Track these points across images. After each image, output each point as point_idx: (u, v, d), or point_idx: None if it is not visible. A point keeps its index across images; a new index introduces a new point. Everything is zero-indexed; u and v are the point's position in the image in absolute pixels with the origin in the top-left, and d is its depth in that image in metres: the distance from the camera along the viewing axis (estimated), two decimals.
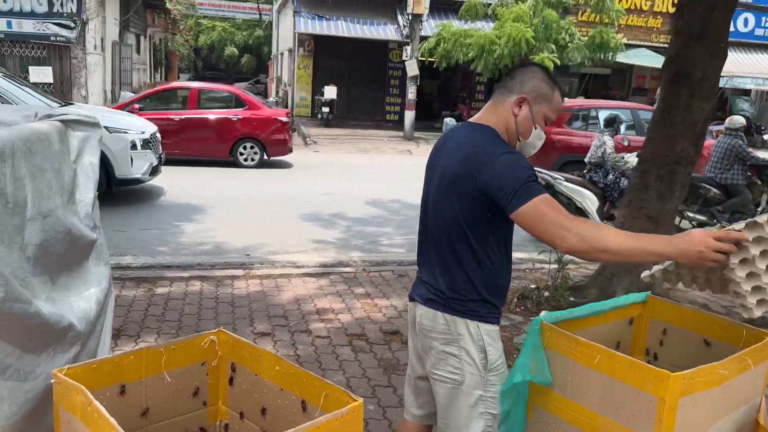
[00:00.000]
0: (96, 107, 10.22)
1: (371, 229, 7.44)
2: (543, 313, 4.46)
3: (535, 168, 2.40)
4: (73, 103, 9.12)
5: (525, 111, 1.92)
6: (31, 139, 2.03)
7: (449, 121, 20.65)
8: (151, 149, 8.13)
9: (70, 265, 2.19)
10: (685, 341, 2.28)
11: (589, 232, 1.69)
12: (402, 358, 3.79)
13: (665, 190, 4.49)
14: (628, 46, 18.65)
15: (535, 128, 1.94)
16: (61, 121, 2.41)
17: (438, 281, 1.94)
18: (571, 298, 4.65)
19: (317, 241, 6.72)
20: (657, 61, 18.82)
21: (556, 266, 4.77)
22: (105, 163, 7.29)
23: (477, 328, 1.90)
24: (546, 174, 6.94)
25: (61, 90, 15.00)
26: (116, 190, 7.85)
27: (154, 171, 8.20)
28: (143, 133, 8.11)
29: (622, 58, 18.12)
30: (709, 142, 7.77)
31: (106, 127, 7.53)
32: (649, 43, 19.85)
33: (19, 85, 7.63)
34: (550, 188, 6.77)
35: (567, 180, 6.85)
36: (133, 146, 7.86)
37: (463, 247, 1.89)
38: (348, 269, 5.67)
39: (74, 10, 14.64)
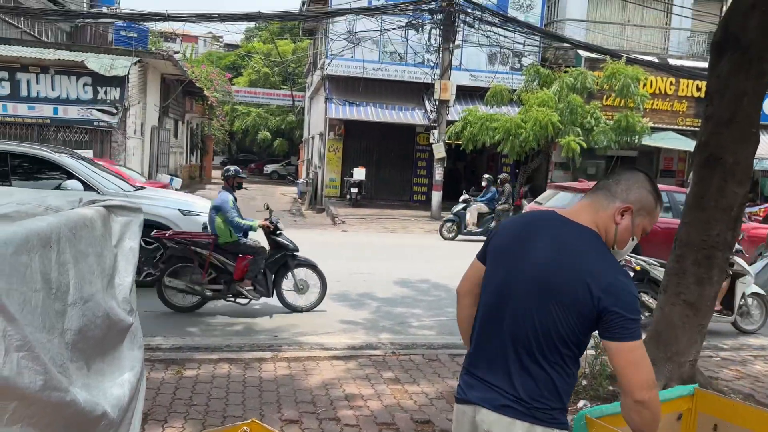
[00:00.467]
0: (166, 191, 10.50)
1: (400, 309, 7.36)
2: (581, 403, 4.29)
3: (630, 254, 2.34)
4: (144, 187, 9.49)
5: (627, 221, 1.82)
6: (77, 225, 2.09)
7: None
8: None
9: (106, 349, 2.20)
10: None
11: (659, 404, 1.70)
12: None
13: (703, 274, 4.39)
14: (654, 129, 18.82)
15: (632, 239, 1.86)
16: (105, 206, 2.49)
17: (515, 386, 1.79)
18: (610, 387, 4.47)
19: (346, 322, 6.65)
20: (684, 143, 18.91)
21: (593, 352, 4.62)
22: None
23: None
24: (641, 260, 6.87)
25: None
26: None
27: None
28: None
29: (649, 141, 18.25)
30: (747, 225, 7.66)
31: (180, 210, 7.97)
32: (676, 126, 20.01)
33: (99, 171, 8.10)
34: (645, 273, 6.70)
35: (661, 265, 6.70)
36: (204, 228, 8.04)
37: (552, 355, 1.77)
38: (377, 352, 5.56)
39: (117, 97, 15.45)
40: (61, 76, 15.30)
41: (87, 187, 7.33)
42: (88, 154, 15.43)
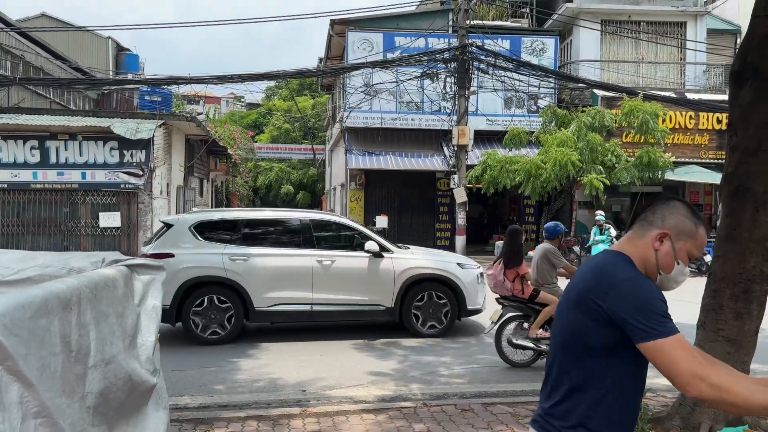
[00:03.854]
0: (427, 249, 10.69)
1: (429, 358, 7.20)
2: None
3: None
4: (408, 247, 9.60)
5: (667, 246, 1.89)
6: (98, 285, 2.08)
7: (500, 244, 20.60)
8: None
9: (130, 412, 2.16)
10: None
11: (723, 381, 1.62)
12: None
13: (742, 309, 4.22)
14: (677, 164, 18.62)
15: (678, 264, 1.90)
16: (127, 265, 2.49)
17: (548, 402, 1.90)
18: None
19: (373, 373, 6.52)
20: (708, 177, 18.65)
21: None
22: (458, 296, 8.23)
23: None
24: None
25: (128, 233, 15.85)
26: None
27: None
28: (479, 267, 8.84)
29: (672, 176, 18.05)
30: None
31: (458, 264, 8.42)
32: (699, 160, 19.79)
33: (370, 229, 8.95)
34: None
35: None
36: (480, 279, 8.50)
37: (581, 370, 1.83)
38: (407, 404, 5.41)
39: (143, 160, 15.82)
40: (89, 142, 15.74)
41: (382, 247, 8.24)
42: (116, 216, 15.78)
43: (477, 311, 8.42)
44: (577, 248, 17.70)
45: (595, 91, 19.49)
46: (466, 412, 5.15)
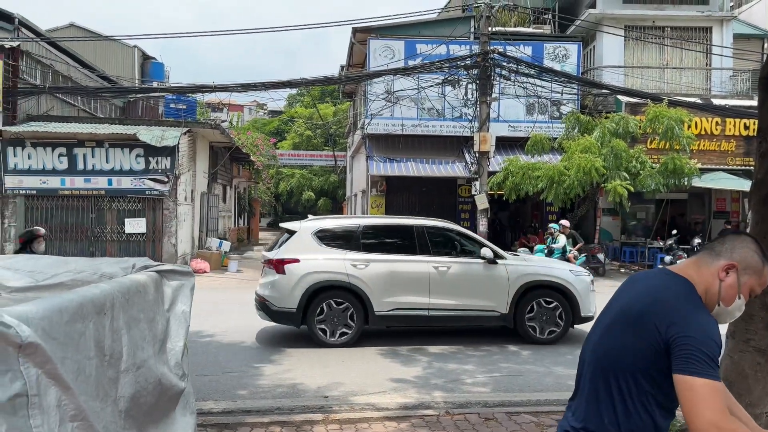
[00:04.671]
0: (551, 260, 11.11)
1: (452, 365, 7.17)
2: None
3: None
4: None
5: (732, 278, 1.86)
6: (130, 291, 2.12)
7: (522, 251, 20.46)
8: None
9: (159, 416, 2.19)
10: None
11: None
12: None
13: None
14: (703, 171, 18.33)
15: (739, 298, 1.88)
16: (157, 271, 2.53)
17: (578, 418, 1.89)
18: None
19: (396, 380, 6.51)
20: (735, 183, 18.33)
21: None
22: (571, 303, 8.35)
23: None
24: None
25: (153, 239, 16.07)
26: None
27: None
28: (590, 274, 8.99)
29: (699, 182, 17.77)
30: None
31: (571, 271, 8.65)
32: (725, 166, 19.46)
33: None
34: None
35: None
36: (591, 285, 8.67)
37: (619, 388, 1.82)
38: (430, 412, 5.39)
39: (168, 166, 16.04)
40: (115, 149, 16.02)
41: (496, 254, 8.38)
42: (141, 222, 16.00)
43: (590, 318, 8.42)
44: (601, 255, 17.49)
45: (619, 97, 19.30)
46: (489, 421, 5.12)
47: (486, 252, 8.36)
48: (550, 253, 15.45)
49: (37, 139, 15.67)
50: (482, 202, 18.20)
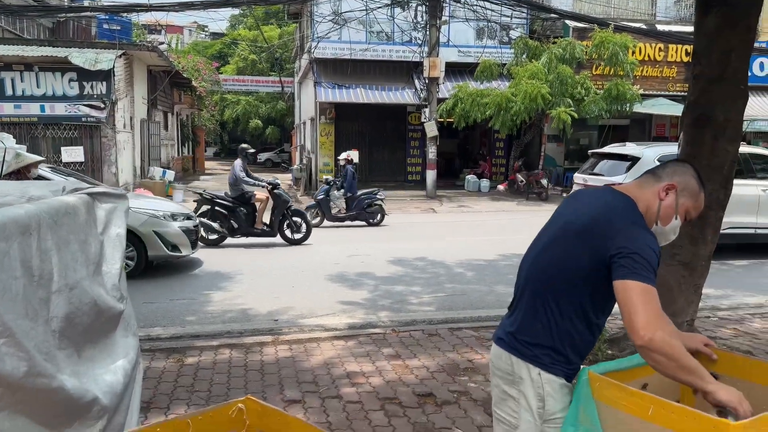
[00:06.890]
0: None
1: (399, 288, 7.37)
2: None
3: None
4: None
5: (671, 199, 1.95)
6: (59, 212, 2.06)
7: (471, 179, 20.78)
8: None
9: (97, 337, 2.18)
10: (740, 390, 2.15)
11: (671, 339, 1.68)
12: (437, 422, 3.65)
13: (697, 234, 4.38)
14: (645, 96, 18.74)
15: (675, 219, 1.97)
16: (88, 193, 2.45)
17: (514, 323, 1.98)
18: (609, 351, 4.48)
19: (345, 303, 6.66)
20: (675, 109, 18.84)
21: None
22: None
23: (539, 376, 1.89)
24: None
25: (92, 168, 15.50)
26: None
27: None
28: None
29: (640, 108, 18.19)
30: None
31: None
32: (666, 92, 19.93)
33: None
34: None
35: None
36: None
37: (557, 296, 1.88)
38: (377, 330, 5.57)
39: (104, 92, 15.29)
40: (46, 73, 15.11)
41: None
42: (78, 150, 15.35)
43: None
44: (544, 181, 17.93)
45: (567, 22, 19.26)
46: (432, 337, 5.33)
47: None
48: None
49: None
50: (431, 130, 18.22)
